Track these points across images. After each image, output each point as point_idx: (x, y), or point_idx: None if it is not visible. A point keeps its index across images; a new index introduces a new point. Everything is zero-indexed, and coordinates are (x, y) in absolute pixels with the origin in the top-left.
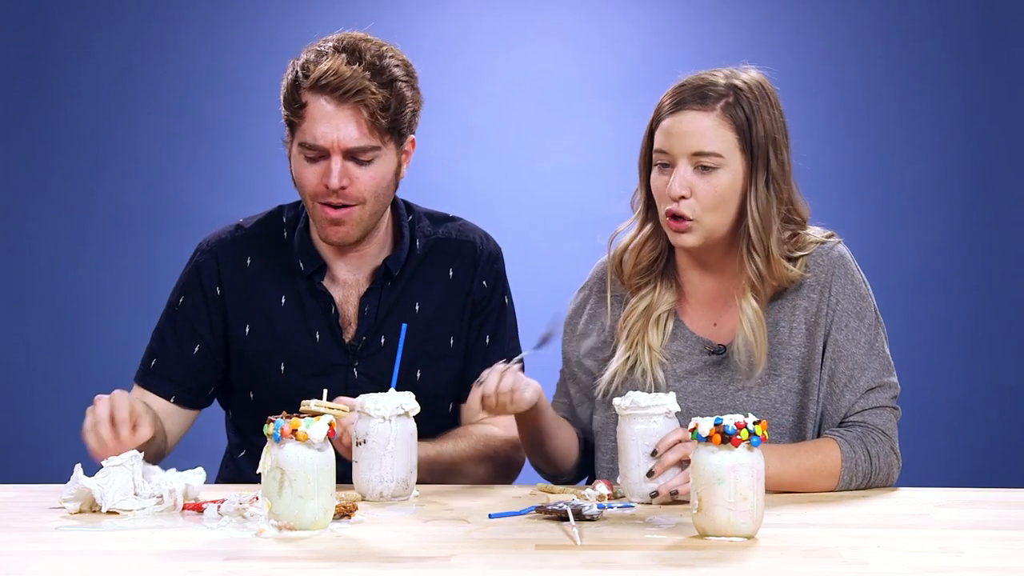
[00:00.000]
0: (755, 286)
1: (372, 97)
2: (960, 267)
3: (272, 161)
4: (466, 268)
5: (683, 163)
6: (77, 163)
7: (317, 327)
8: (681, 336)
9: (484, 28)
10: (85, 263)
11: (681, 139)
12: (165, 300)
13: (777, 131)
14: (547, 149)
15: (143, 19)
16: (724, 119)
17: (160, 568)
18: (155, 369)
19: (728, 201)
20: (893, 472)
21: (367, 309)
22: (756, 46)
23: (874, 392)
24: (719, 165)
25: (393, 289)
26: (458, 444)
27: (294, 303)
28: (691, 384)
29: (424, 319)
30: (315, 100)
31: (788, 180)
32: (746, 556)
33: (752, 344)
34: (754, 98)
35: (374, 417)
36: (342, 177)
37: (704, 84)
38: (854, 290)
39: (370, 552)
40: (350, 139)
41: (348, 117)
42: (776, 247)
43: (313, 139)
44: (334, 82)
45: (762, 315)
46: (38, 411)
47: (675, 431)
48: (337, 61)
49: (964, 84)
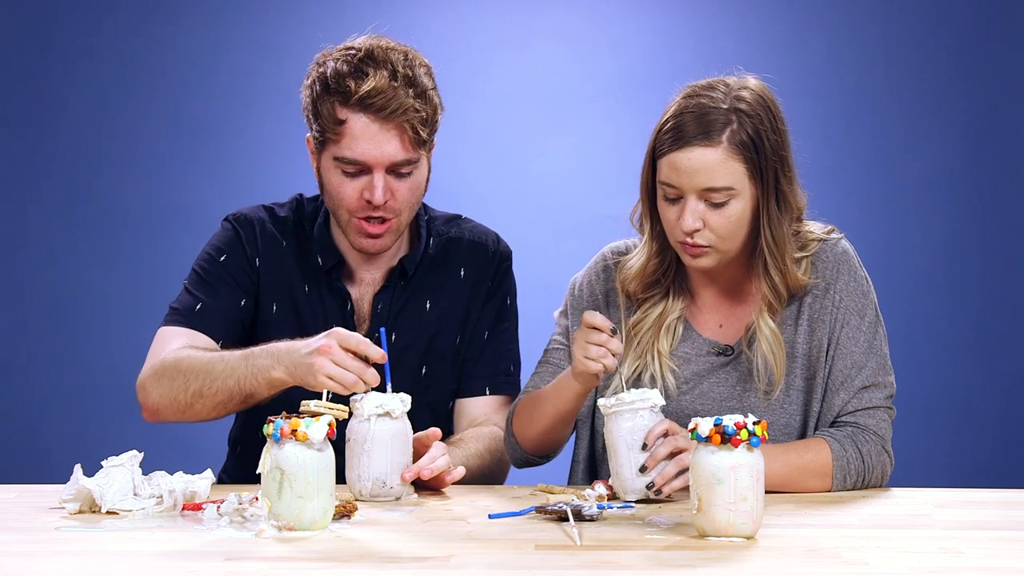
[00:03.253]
0: (771, 304)
1: (416, 115)
2: (960, 267)
3: (272, 161)
4: (477, 268)
5: (692, 198)
6: (77, 163)
7: (333, 322)
8: (688, 338)
9: (484, 28)
10: (85, 263)
11: (690, 176)
12: (164, 300)
13: (782, 144)
14: (547, 149)
15: (143, 19)
16: (731, 151)
17: (160, 568)
18: (202, 312)
19: (742, 226)
20: (886, 472)
21: (380, 307)
22: (756, 46)
23: (868, 391)
24: (731, 197)
25: (406, 288)
26: (477, 447)
27: (315, 294)
28: (699, 387)
29: (432, 318)
30: (356, 118)
31: (793, 186)
32: (746, 556)
33: (772, 363)
34: (757, 117)
35: (354, 416)
36: (384, 192)
37: (705, 112)
38: (857, 287)
39: (370, 552)
40: (394, 155)
41: (392, 135)
42: (791, 263)
43: (354, 156)
44: (379, 102)
45: (779, 334)
46: (38, 411)
47: (661, 423)
48: (379, 80)
49: (964, 84)
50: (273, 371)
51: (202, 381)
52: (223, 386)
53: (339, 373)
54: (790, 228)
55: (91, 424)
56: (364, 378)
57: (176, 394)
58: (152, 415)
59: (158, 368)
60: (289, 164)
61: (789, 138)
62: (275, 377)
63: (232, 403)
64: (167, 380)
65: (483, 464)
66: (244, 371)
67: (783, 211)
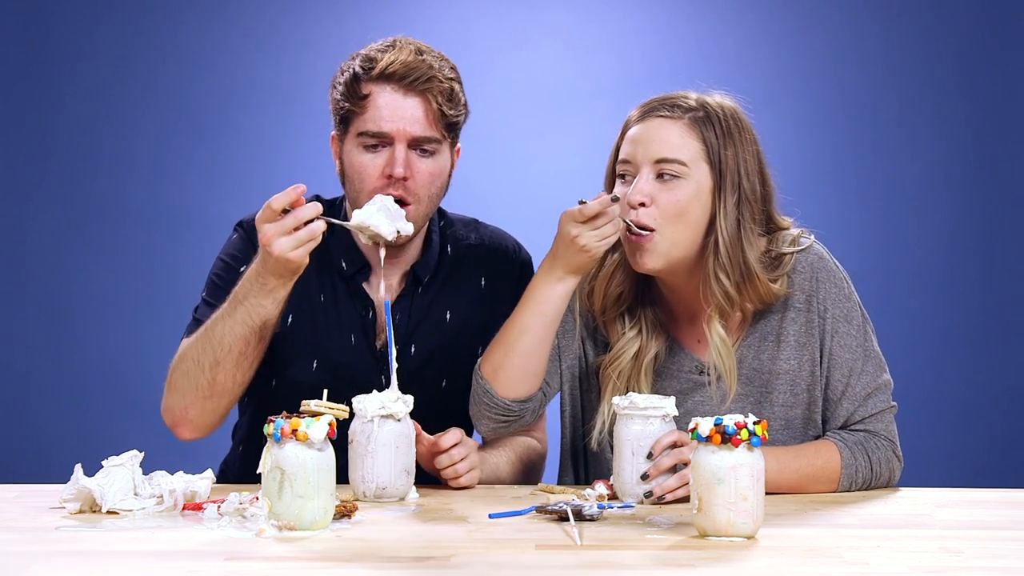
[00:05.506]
0: (723, 309)
1: (439, 86)
2: (960, 267)
3: (272, 161)
4: (498, 276)
5: (645, 170)
6: (77, 163)
7: (352, 330)
8: (671, 351)
9: (484, 28)
10: (85, 263)
11: (646, 145)
12: (164, 300)
13: (749, 157)
14: (547, 149)
15: (143, 19)
16: (692, 129)
17: (160, 568)
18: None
19: (691, 215)
20: (894, 475)
21: (398, 316)
22: (756, 46)
23: (872, 397)
24: (682, 175)
25: (424, 296)
26: (510, 455)
27: (331, 302)
28: (684, 406)
29: (453, 328)
30: (380, 89)
31: (768, 206)
32: (746, 556)
33: (723, 370)
34: (724, 120)
35: (357, 417)
36: (406, 166)
37: (675, 97)
38: (838, 292)
39: (370, 552)
40: (417, 127)
41: (415, 104)
42: (756, 264)
43: (377, 127)
44: (401, 71)
45: (728, 340)
46: (38, 411)
47: (670, 433)
48: (403, 53)
49: (964, 84)
50: (264, 287)
51: (211, 351)
52: (232, 338)
53: (297, 239)
54: (754, 234)
55: (91, 424)
56: (312, 226)
57: (196, 381)
58: (187, 426)
59: (167, 383)
60: (289, 164)
61: (760, 156)
62: (270, 290)
63: (251, 347)
64: (179, 379)
65: (514, 471)
66: (242, 311)
67: (742, 213)
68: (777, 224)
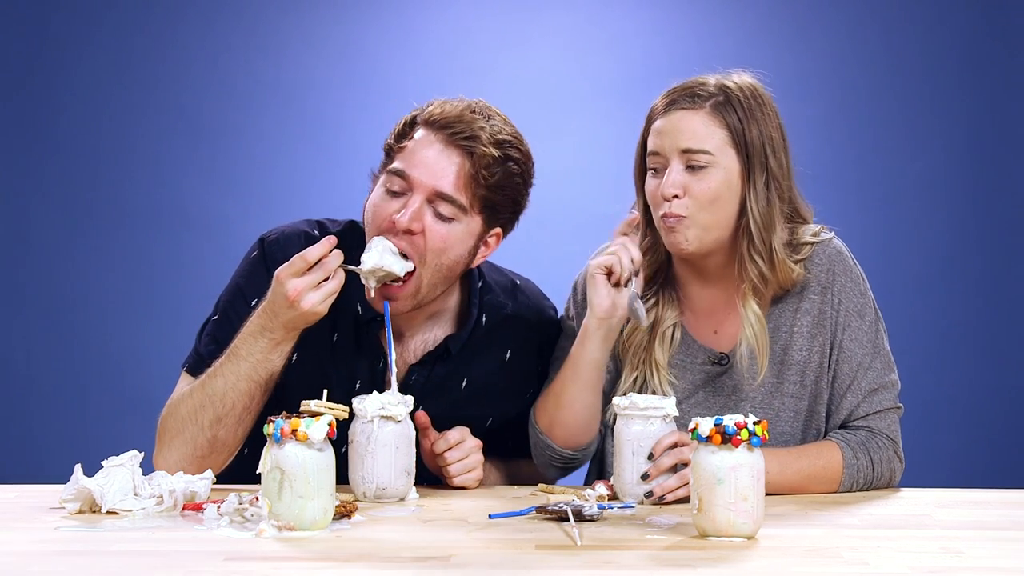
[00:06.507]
0: (757, 288)
1: (481, 148)
2: (960, 267)
3: (272, 161)
4: (524, 349)
5: (675, 163)
6: (77, 163)
7: (360, 378)
8: (684, 344)
9: (484, 28)
10: (85, 263)
11: (672, 137)
12: (164, 300)
13: (773, 132)
14: (547, 149)
15: (143, 19)
16: (714, 117)
17: (160, 568)
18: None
19: (723, 200)
20: (896, 475)
21: (413, 379)
22: (756, 46)
23: (877, 394)
24: (710, 163)
25: (446, 365)
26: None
27: (345, 343)
28: (695, 397)
29: (464, 396)
30: (425, 133)
31: (790, 180)
32: (746, 556)
33: (755, 348)
34: (746, 100)
35: (357, 418)
36: (413, 219)
37: (694, 85)
38: (854, 287)
39: (370, 552)
40: (443, 182)
41: (451, 159)
42: (780, 248)
43: (404, 168)
44: (444, 121)
45: (763, 319)
46: (38, 411)
47: (671, 433)
48: (460, 107)
49: (964, 84)
50: (273, 340)
51: (211, 408)
52: (236, 394)
53: (325, 292)
54: (782, 215)
55: (91, 424)
56: (338, 276)
57: (194, 441)
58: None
59: (159, 435)
60: (289, 164)
61: (783, 131)
62: (278, 342)
63: (255, 401)
64: (174, 438)
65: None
66: (247, 367)
67: (772, 193)
68: (801, 211)
